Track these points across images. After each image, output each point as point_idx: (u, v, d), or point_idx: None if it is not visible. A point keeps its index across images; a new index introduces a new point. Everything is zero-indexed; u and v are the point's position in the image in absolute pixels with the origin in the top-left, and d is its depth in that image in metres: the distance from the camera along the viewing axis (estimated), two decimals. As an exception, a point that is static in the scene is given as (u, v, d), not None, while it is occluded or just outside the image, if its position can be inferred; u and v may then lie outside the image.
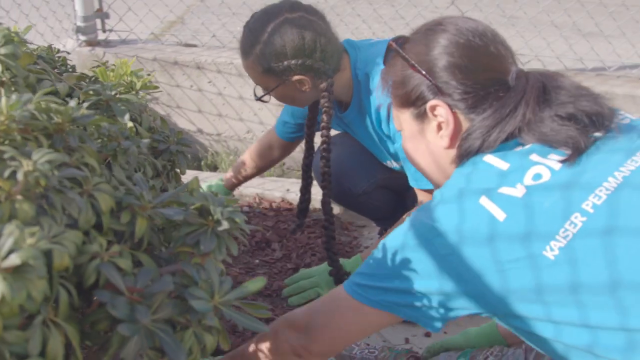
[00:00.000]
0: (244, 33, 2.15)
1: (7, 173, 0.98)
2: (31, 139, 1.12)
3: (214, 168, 3.71)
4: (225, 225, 1.13)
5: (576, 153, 1.26)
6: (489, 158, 1.32)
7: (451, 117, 1.40)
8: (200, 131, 3.78)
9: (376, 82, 2.11)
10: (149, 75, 1.76)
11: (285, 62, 2.08)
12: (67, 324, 1.03)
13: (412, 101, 1.46)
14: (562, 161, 1.26)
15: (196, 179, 1.22)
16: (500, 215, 1.22)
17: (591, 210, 1.18)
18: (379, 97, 2.11)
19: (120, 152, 1.26)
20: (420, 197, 2.22)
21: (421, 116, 1.46)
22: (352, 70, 2.22)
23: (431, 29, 1.47)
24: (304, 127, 2.41)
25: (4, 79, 1.32)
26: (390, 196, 2.56)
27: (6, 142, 1.07)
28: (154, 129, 1.79)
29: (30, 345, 0.97)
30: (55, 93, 1.56)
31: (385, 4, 4.20)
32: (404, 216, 2.23)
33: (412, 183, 2.22)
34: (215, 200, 1.16)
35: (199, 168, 3.71)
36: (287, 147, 2.77)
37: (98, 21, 3.88)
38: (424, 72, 1.42)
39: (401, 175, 2.30)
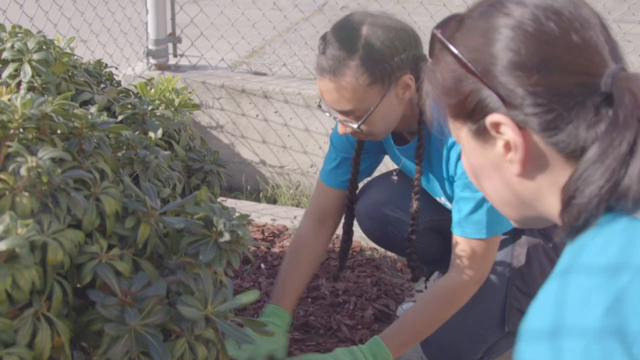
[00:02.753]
0: (328, 52, 1.93)
1: (11, 167, 1.07)
2: (46, 140, 1.21)
3: (273, 201, 3.79)
4: (227, 237, 1.20)
5: None
6: None
7: (520, 138, 1.06)
8: (263, 162, 3.88)
9: None
10: (190, 92, 1.85)
11: (396, 58, 1.92)
12: (59, 320, 1.12)
13: (468, 113, 1.13)
14: None
15: (205, 190, 1.29)
16: None
17: None
18: None
19: (137, 160, 1.34)
20: (462, 245, 2.11)
21: (482, 133, 1.13)
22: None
23: (489, 12, 1.11)
24: (350, 163, 2.30)
25: (35, 84, 1.43)
26: (437, 239, 2.52)
27: (21, 141, 1.17)
28: (191, 147, 1.88)
29: (19, 336, 1.06)
30: (93, 104, 1.67)
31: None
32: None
33: (455, 230, 2.10)
34: (222, 212, 1.23)
35: (257, 199, 3.80)
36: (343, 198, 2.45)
37: (170, 46, 4.04)
38: (480, 75, 1.08)
39: (448, 217, 2.31)
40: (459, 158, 2.00)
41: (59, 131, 1.25)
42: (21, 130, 1.17)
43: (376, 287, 2.83)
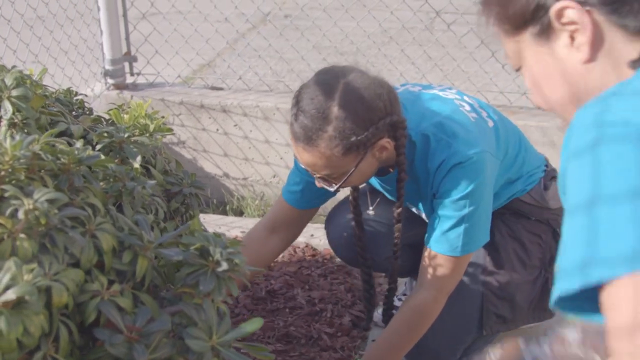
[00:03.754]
0: (300, 120, 1.87)
1: (8, 211, 1.05)
2: (36, 179, 1.18)
3: (239, 213, 3.77)
4: (224, 266, 1.18)
5: None
6: None
7: (586, 17, 1.09)
8: (226, 175, 3.86)
9: (434, 146, 1.99)
10: (163, 117, 1.83)
11: (371, 129, 1.87)
12: (66, 361, 1.09)
13: (531, 14, 1.16)
14: None
15: (197, 220, 1.27)
16: None
17: None
18: (441, 154, 1.97)
19: (125, 192, 1.32)
20: (435, 260, 2.08)
21: (546, 32, 1.16)
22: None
23: None
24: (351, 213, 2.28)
25: (16, 120, 1.40)
26: (412, 252, 2.43)
27: (12, 181, 1.14)
28: (168, 171, 1.85)
29: (30, 381, 1.03)
30: (70, 135, 1.64)
31: (412, 44, 4.27)
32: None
33: (431, 244, 2.08)
34: (217, 241, 1.22)
35: (225, 212, 3.78)
36: (305, 218, 2.42)
37: (126, 65, 4.00)
38: None
39: (420, 230, 2.29)
40: (444, 176, 1.99)
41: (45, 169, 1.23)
42: (10, 170, 1.15)
43: (350, 293, 2.83)
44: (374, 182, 2.29)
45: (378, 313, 2.67)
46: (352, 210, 2.27)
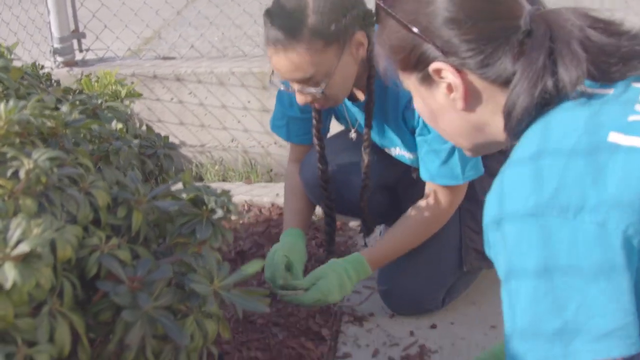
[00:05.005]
0: (276, 22, 1.92)
1: (9, 172, 1.07)
2: (28, 143, 1.20)
3: (199, 179, 3.78)
4: (219, 213, 1.22)
5: None
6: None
7: (459, 79, 1.27)
8: (183, 144, 3.86)
9: None
10: (133, 83, 1.85)
11: (347, 16, 1.92)
12: (72, 313, 1.12)
13: (413, 65, 1.33)
14: None
15: (189, 172, 1.30)
16: None
17: None
18: None
19: (112, 152, 1.35)
20: (438, 192, 2.17)
21: (427, 80, 1.33)
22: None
23: None
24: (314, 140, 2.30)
25: (-4, 91, 1.41)
26: (385, 195, 2.52)
27: (5, 146, 1.16)
28: (140, 135, 1.87)
29: (39, 333, 1.06)
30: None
31: None
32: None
33: (430, 179, 2.16)
34: (208, 190, 1.25)
35: (185, 180, 3.79)
36: None
37: (75, 42, 3.96)
38: (418, 33, 1.28)
39: (398, 170, 2.33)
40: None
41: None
42: (3, 134, 1.16)
43: (322, 248, 2.86)
44: (351, 115, 2.33)
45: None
46: (315, 137, 2.28)
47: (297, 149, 2.53)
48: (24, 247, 0.95)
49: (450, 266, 2.33)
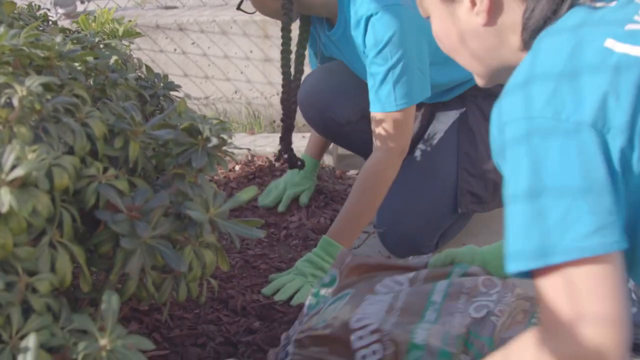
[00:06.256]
0: None
1: (2, 100, 1.06)
2: (22, 74, 1.19)
3: (204, 131, 3.77)
4: (214, 141, 1.21)
5: None
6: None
7: None
8: (188, 96, 3.84)
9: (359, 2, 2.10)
10: (130, 21, 1.83)
11: None
12: (73, 244, 1.11)
13: None
14: None
15: (184, 101, 1.29)
16: None
17: None
18: (365, 5, 2.08)
19: (108, 84, 1.33)
20: (378, 120, 2.15)
21: None
22: None
23: None
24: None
25: (-11, 25, 1.39)
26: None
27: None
28: (140, 76, 1.86)
29: (40, 263, 1.05)
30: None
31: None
32: None
33: (371, 107, 2.17)
34: (204, 120, 1.24)
35: (189, 131, 3.77)
36: None
37: (76, -8, 3.94)
38: None
39: None
40: (365, 32, 2.08)
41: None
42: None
43: (322, 194, 2.86)
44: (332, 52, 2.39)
45: None
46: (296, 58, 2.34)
47: None
48: (18, 172, 0.94)
49: (447, 208, 2.33)
